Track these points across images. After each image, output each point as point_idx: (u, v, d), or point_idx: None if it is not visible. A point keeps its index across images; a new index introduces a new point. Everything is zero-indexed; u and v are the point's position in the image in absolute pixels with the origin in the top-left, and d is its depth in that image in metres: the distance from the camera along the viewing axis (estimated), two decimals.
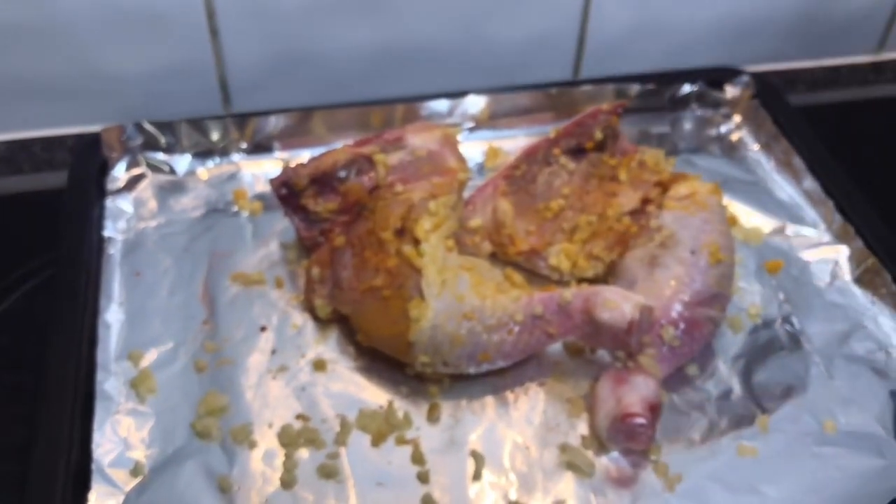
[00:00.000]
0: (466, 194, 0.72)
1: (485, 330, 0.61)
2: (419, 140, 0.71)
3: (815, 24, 0.97)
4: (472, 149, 0.83)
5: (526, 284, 0.69)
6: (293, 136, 0.82)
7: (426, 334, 0.60)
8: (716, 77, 0.88)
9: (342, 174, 0.68)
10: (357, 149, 0.70)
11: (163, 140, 0.79)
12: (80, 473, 0.57)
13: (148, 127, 0.79)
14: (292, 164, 0.70)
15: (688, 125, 0.88)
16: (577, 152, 0.74)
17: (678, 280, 0.64)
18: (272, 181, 0.69)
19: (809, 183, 0.79)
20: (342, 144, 0.73)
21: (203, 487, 0.58)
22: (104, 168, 0.78)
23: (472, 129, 0.85)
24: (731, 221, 0.75)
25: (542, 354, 0.66)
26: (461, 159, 0.71)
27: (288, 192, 0.69)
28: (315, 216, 0.69)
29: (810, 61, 1.00)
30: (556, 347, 0.66)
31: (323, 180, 0.68)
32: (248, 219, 0.76)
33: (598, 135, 0.73)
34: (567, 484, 0.59)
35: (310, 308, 0.68)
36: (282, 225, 0.75)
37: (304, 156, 0.79)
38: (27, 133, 0.85)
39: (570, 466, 0.60)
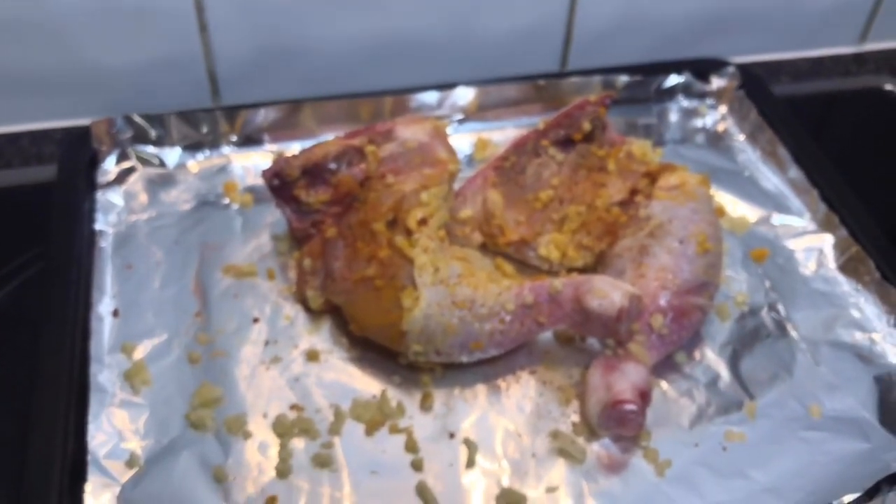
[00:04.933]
0: (456, 186, 0.73)
1: (476, 319, 0.62)
2: (409, 132, 0.71)
3: (799, 16, 0.98)
4: (462, 140, 0.83)
5: (516, 274, 0.70)
6: (283, 129, 0.82)
7: (418, 323, 0.61)
8: (701, 68, 0.88)
9: (333, 166, 0.69)
10: (348, 140, 0.70)
11: (152, 133, 0.79)
12: (76, 465, 0.57)
13: (137, 120, 0.78)
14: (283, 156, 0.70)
15: (674, 116, 0.88)
16: (566, 143, 0.74)
17: (666, 269, 0.65)
18: (264, 172, 0.70)
19: (794, 172, 0.80)
20: (332, 137, 0.73)
21: (198, 478, 0.58)
22: (94, 161, 0.77)
23: (461, 121, 0.85)
24: (718, 211, 0.76)
25: (532, 343, 0.67)
26: (451, 151, 0.72)
27: (280, 184, 0.69)
28: (307, 207, 0.69)
29: (794, 52, 1.01)
30: (546, 336, 0.67)
31: (314, 171, 0.69)
32: (238, 211, 0.76)
33: (586, 126, 0.73)
34: (559, 470, 0.60)
35: (302, 299, 0.68)
36: (272, 217, 0.75)
37: (293, 148, 0.79)
38: (15, 127, 0.85)
39: (562, 453, 0.60)
